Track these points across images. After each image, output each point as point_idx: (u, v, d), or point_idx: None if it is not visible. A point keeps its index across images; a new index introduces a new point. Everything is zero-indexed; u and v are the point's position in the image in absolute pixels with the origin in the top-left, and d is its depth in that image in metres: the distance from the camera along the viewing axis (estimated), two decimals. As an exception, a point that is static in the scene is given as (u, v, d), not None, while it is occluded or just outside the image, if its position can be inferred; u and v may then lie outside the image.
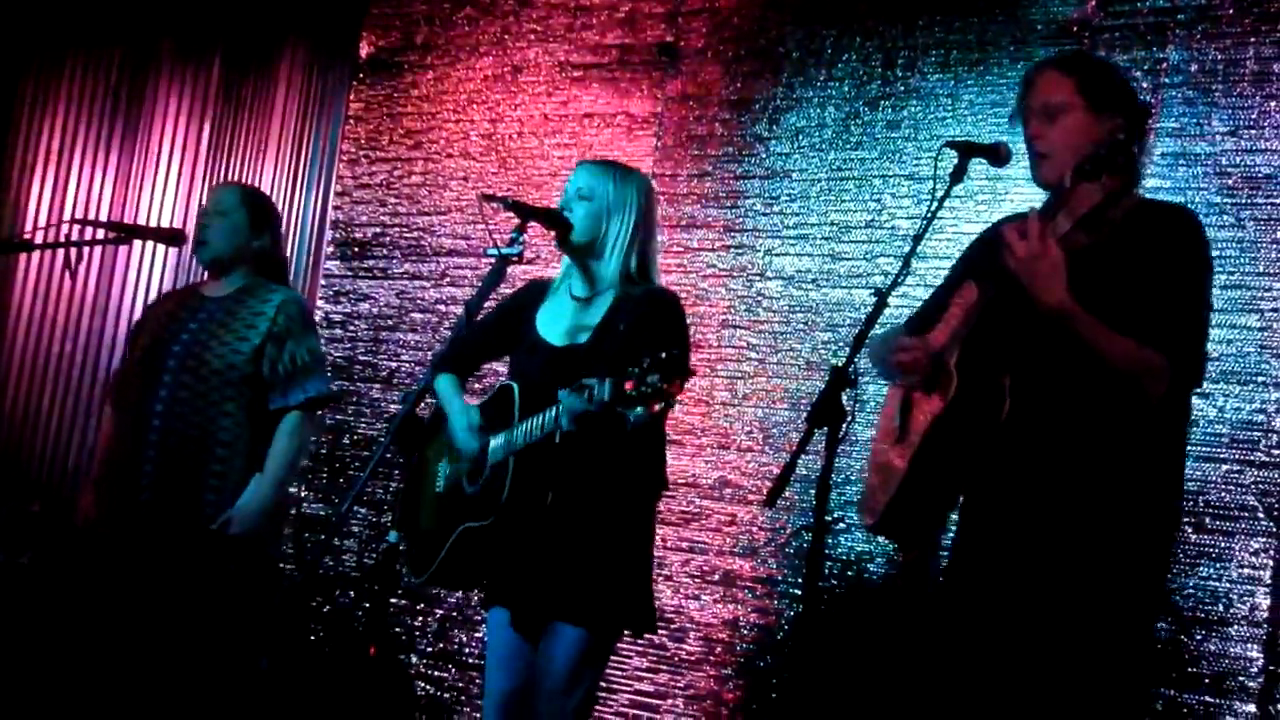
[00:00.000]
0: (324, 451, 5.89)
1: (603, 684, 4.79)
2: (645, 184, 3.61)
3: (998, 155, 3.01)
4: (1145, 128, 2.93)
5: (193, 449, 3.97)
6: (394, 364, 5.84)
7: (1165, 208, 2.97)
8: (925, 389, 2.92)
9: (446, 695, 5.36)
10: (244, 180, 6.63)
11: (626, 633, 3.50)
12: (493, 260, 3.32)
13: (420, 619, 5.46)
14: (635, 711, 4.96)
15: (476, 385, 4.50)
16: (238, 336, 4.05)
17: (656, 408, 2.94)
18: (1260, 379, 4.15)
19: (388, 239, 5.99)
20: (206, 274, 4.31)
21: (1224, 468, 4.14)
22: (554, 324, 3.55)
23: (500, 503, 3.37)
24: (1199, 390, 4.10)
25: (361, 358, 5.92)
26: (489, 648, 3.56)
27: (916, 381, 2.95)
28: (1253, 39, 4.33)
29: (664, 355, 2.93)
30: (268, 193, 6.34)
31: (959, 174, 2.99)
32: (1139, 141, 2.90)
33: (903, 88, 4.92)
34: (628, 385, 2.92)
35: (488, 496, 3.43)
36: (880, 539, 4.49)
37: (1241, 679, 4.01)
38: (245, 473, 3.99)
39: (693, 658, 4.87)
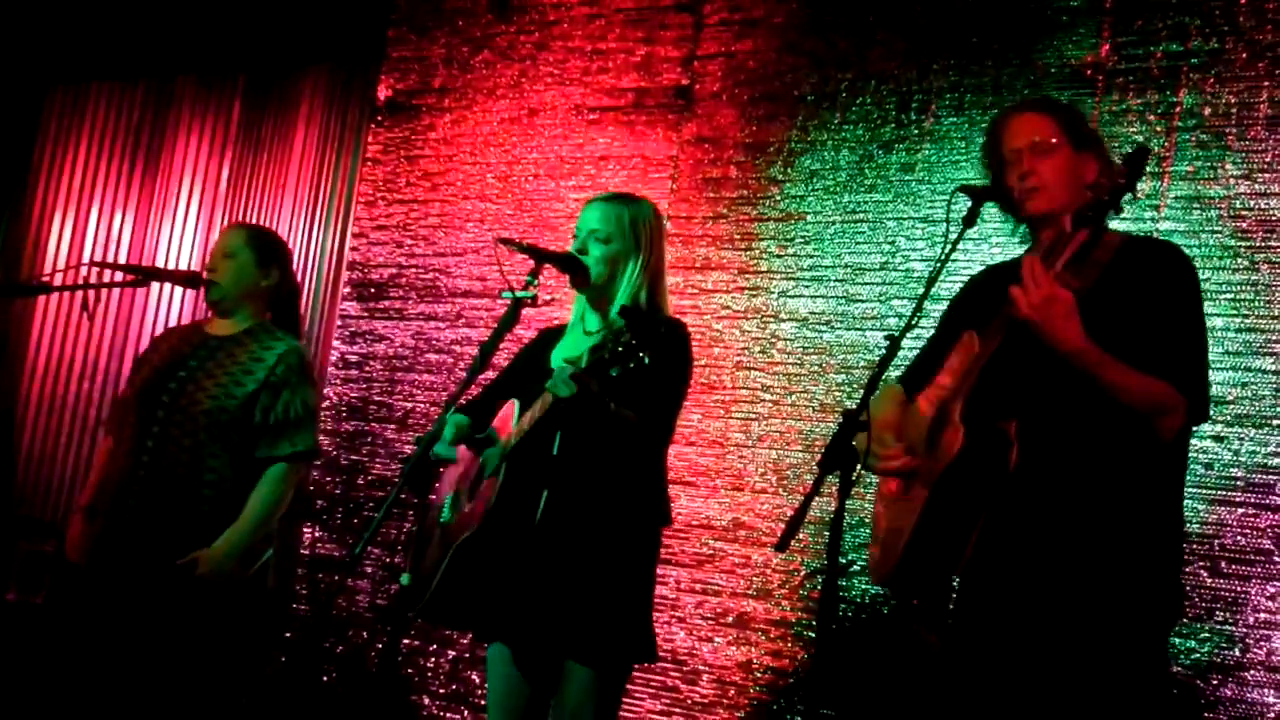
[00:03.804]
0: (338, 492, 5.90)
1: (616, 727, 4.77)
2: (652, 211, 3.59)
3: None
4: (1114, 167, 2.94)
5: (178, 487, 3.96)
6: (409, 405, 5.85)
7: (1153, 244, 3.02)
8: (927, 448, 2.91)
9: (459, 737, 5.35)
10: (262, 221, 6.69)
11: (635, 670, 3.47)
12: (508, 303, 3.33)
13: (433, 660, 5.44)
14: (649, 755, 4.94)
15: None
16: (234, 380, 4.04)
17: (630, 364, 2.97)
18: (1275, 422, 4.14)
19: (404, 280, 6.01)
20: (211, 312, 4.31)
21: (1239, 511, 4.13)
22: (567, 356, 3.54)
23: (489, 505, 3.33)
24: (1215, 434, 4.13)
25: (377, 398, 5.93)
26: (489, 686, 3.53)
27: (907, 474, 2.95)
28: (1266, 83, 4.35)
29: (639, 324, 2.99)
30: (285, 233, 6.43)
31: (971, 218, 2.99)
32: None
33: (916, 131, 4.95)
34: (601, 349, 2.99)
35: (480, 504, 3.42)
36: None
37: (1259, 725, 3.99)
38: (226, 516, 3.96)
39: (706, 700, 4.85)
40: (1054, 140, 2.91)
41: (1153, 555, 2.76)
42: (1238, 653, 4.05)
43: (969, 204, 3.00)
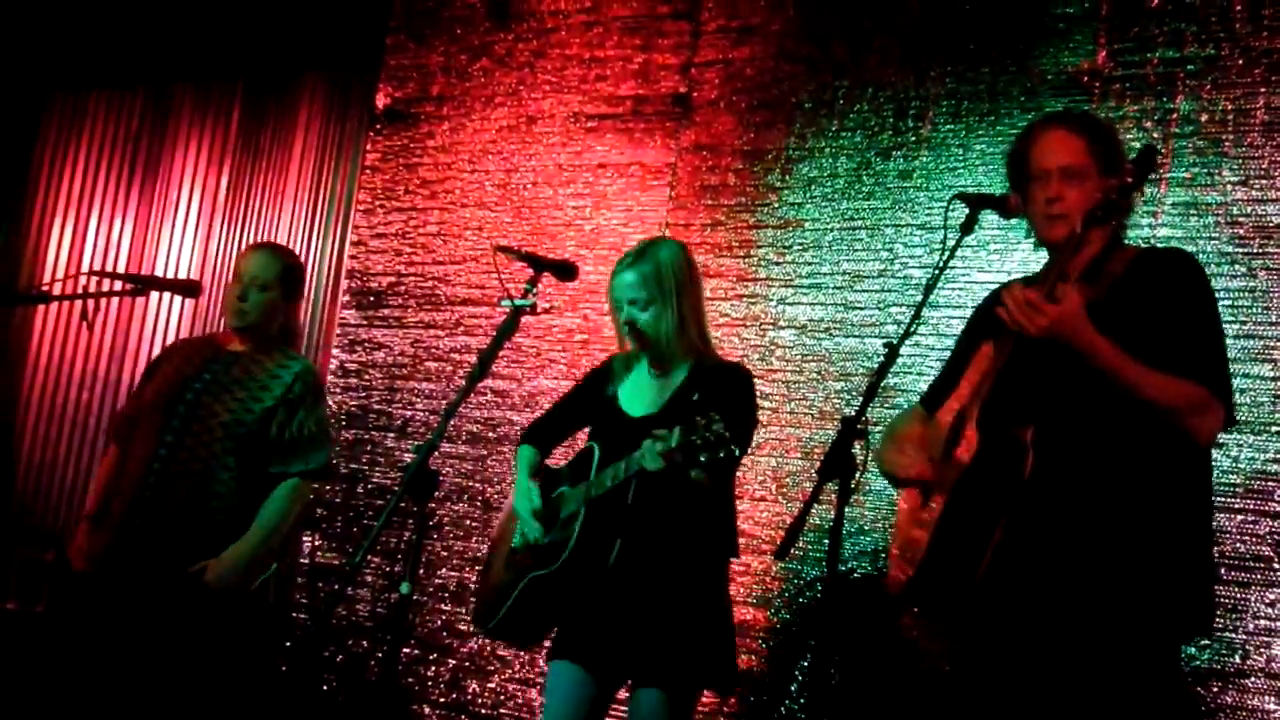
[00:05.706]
0: (338, 500, 5.90)
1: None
2: (676, 252, 3.68)
3: (1007, 207, 3.02)
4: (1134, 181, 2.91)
5: (188, 496, 4.00)
6: (409, 413, 5.85)
7: (1164, 253, 2.98)
8: (944, 456, 2.89)
9: (460, 745, 5.34)
10: (260, 229, 6.70)
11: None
12: (507, 311, 3.36)
13: (433, 669, 5.44)
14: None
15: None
16: (251, 396, 4.09)
17: (720, 454, 3.09)
18: (1274, 428, 4.14)
19: (403, 288, 6.02)
20: (225, 328, 4.35)
21: (1239, 518, 4.13)
22: (634, 398, 3.68)
23: (568, 549, 3.51)
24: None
25: (376, 406, 5.93)
26: (548, 703, 3.61)
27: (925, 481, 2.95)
28: (1263, 89, 4.35)
29: (728, 408, 3.15)
30: (284, 241, 6.43)
31: (969, 225, 3.00)
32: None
33: (914, 138, 4.95)
34: (694, 434, 3.10)
35: (556, 545, 3.58)
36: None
37: (1259, 731, 3.99)
38: (235, 527, 4.02)
39: (707, 709, 4.84)
40: (1085, 167, 2.86)
41: (1175, 564, 2.72)
42: (1238, 659, 4.05)
43: (967, 211, 3.01)
